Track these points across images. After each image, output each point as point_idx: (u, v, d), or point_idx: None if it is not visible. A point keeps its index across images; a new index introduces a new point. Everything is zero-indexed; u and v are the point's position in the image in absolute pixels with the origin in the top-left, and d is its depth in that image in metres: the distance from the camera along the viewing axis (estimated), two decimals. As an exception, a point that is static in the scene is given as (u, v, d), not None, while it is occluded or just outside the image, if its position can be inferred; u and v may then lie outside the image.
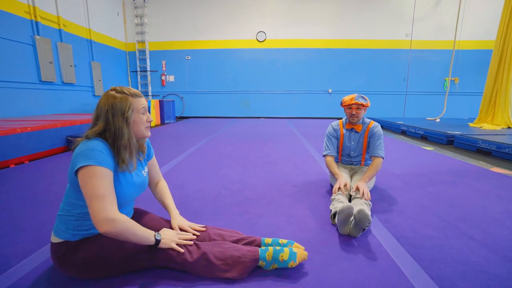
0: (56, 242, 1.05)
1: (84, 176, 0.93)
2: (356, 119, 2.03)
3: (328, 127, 2.19)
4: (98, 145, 0.98)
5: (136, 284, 1.06)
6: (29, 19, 4.99)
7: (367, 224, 1.34)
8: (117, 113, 1.01)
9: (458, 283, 1.07)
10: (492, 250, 1.31)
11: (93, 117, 1.04)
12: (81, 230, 1.04)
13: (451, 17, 7.62)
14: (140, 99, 1.08)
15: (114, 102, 1.01)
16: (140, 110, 1.07)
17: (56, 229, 1.06)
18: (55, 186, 2.22)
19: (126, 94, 1.04)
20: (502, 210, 1.78)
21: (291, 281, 1.08)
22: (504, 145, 3.30)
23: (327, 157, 2.09)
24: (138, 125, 1.07)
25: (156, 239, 1.05)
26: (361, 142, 2.06)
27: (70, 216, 1.04)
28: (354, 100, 1.96)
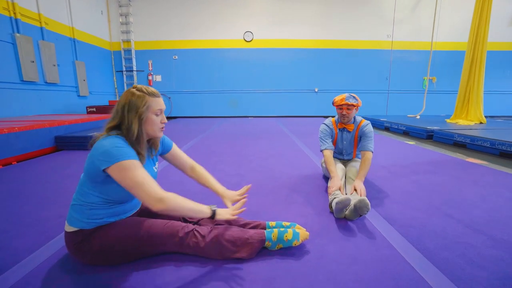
0: (71, 231, 1.10)
1: (119, 172, 0.99)
2: (347, 119, 2.05)
3: (321, 125, 2.20)
4: (119, 141, 1.04)
5: (151, 267, 1.13)
6: (8, 16, 4.80)
7: (366, 211, 1.46)
8: (132, 109, 1.07)
9: (440, 253, 1.22)
10: (468, 225, 1.48)
11: (113, 111, 1.11)
12: (95, 218, 1.10)
13: (428, 20, 8.06)
14: (158, 99, 1.12)
15: (132, 99, 1.07)
16: (155, 111, 1.11)
17: (70, 219, 1.11)
18: (50, 185, 2.21)
19: (144, 92, 1.09)
20: (476, 194, 1.98)
21: (295, 258, 1.19)
22: (477, 138, 3.59)
23: (326, 151, 2.06)
24: (151, 124, 1.11)
25: (212, 211, 1.14)
26: (353, 141, 2.15)
27: (83, 206, 1.08)
28: (345, 100, 1.98)
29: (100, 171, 1.01)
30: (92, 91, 7.14)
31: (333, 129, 2.15)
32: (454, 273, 1.08)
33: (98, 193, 1.08)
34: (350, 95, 2.01)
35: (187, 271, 1.10)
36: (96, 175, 1.04)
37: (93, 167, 1.02)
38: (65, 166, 2.84)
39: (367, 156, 1.94)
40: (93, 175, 1.04)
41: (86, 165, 1.06)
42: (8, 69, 4.75)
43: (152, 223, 1.17)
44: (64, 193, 2.01)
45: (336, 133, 2.15)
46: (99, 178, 1.05)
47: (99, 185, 1.07)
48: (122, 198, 1.13)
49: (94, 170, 1.03)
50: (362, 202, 1.46)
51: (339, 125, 2.14)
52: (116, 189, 1.08)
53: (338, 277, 1.06)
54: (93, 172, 1.03)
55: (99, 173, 1.03)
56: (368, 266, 1.13)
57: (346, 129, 2.12)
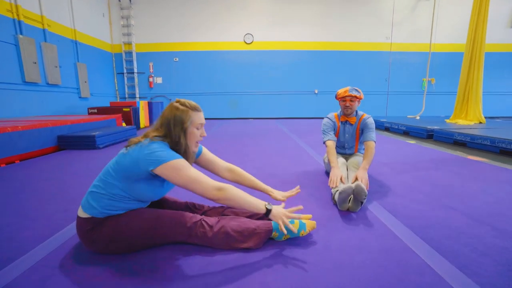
0: (83, 217, 1.11)
1: (173, 171, 1.05)
2: (350, 110, 2.10)
3: (324, 119, 2.24)
4: (166, 146, 1.12)
5: (159, 257, 1.14)
6: (12, 18, 4.85)
7: (364, 196, 1.49)
8: (178, 124, 1.13)
9: (445, 242, 1.23)
10: (470, 217, 1.50)
11: (157, 122, 1.17)
12: (109, 209, 1.11)
13: (426, 22, 8.14)
14: (199, 113, 1.18)
15: (176, 114, 1.13)
16: (197, 125, 1.17)
17: (85, 205, 1.12)
18: (54, 181, 2.22)
19: (187, 107, 1.15)
20: (477, 188, 1.99)
21: (302, 247, 1.20)
22: (477, 136, 3.62)
23: (328, 142, 2.07)
24: (191, 138, 1.17)
25: (267, 208, 1.15)
26: (354, 134, 2.19)
27: (103, 195, 1.10)
28: (348, 92, 2.04)
29: (144, 171, 1.06)
30: (93, 93, 7.17)
31: (336, 122, 2.20)
32: (460, 261, 1.09)
33: (124, 188, 1.10)
34: (353, 88, 2.07)
35: (194, 260, 1.11)
36: (135, 173, 1.08)
37: (136, 166, 1.06)
38: (68, 164, 2.85)
39: (370, 145, 1.97)
40: (132, 173, 1.08)
41: (123, 162, 1.09)
42: (11, 70, 4.78)
43: (161, 213, 1.18)
44: (69, 189, 2.02)
45: (338, 126, 2.18)
46: (136, 176, 1.08)
47: (129, 182, 1.10)
48: (144, 198, 1.16)
49: (135, 169, 1.07)
50: (357, 187, 1.48)
51: (341, 118, 2.18)
52: (143, 190, 1.12)
53: (344, 265, 1.07)
54: (133, 170, 1.07)
55: (141, 172, 1.07)
56: (374, 255, 1.14)
57: (348, 122, 2.16)
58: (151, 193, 1.15)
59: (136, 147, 1.09)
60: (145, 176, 1.09)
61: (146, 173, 1.07)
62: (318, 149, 3.54)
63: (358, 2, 8.26)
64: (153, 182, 1.13)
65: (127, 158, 1.08)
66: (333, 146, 2.04)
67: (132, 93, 8.55)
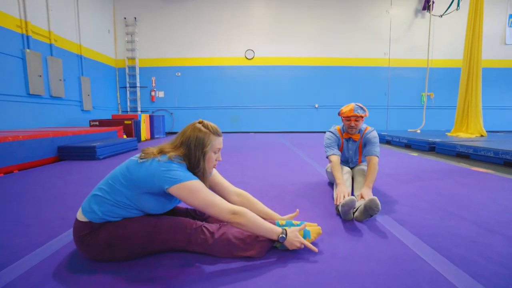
0: (82, 221, 1.07)
1: (189, 193, 1.04)
2: (354, 130, 1.99)
3: (327, 133, 2.13)
4: (184, 167, 1.11)
5: (157, 265, 1.08)
6: (20, 33, 4.99)
7: (376, 212, 1.43)
8: (199, 146, 1.12)
9: (457, 251, 1.18)
10: (480, 226, 1.45)
11: (177, 140, 1.15)
12: (109, 215, 1.07)
13: (423, 38, 8.36)
14: (219, 138, 1.17)
15: (199, 135, 1.12)
16: (215, 149, 1.16)
17: (86, 208, 1.08)
18: (52, 190, 2.18)
19: (209, 131, 1.14)
20: (485, 197, 1.95)
21: (306, 256, 1.15)
22: (480, 148, 3.60)
23: (332, 157, 1.96)
24: (208, 162, 1.16)
25: (281, 237, 1.12)
26: (358, 150, 2.13)
27: (108, 200, 1.07)
28: (353, 112, 1.91)
29: (158, 187, 1.05)
30: (95, 106, 7.24)
31: (340, 137, 2.09)
32: (475, 270, 1.03)
33: (130, 197, 1.08)
34: (358, 106, 1.95)
35: (194, 269, 1.05)
36: (147, 187, 1.06)
37: (150, 181, 1.04)
38: (68, 174, 2.81)
39: (373, 160, 1.85)
40: (143, 185, 1.06)
41: (136, 172, 1.06)
42: (15, 83, 4.85)
43: (160, 219, 1.14)
44: (67, 197, 1.98)
45: (342, 142, 2.10)
46: (147, 189, 1.06)
47: (138, 193, 1.07)
48: (148, 210, 1.13)
49: (149, 183, 1.05)
50: (372, 201, 1.43)
51: (345, 135, 2.09)
52: (149, 203, 1.10)
53: (352, 274, 1.02)
54: (146, 183, 1.05)
55: (154, 188, 1.05)
56: (382, 264, 1.09)
57: (352, 139, 2.08)
58: (157, 207, 1.12)
59: (153, 162, 1.06)
60: (157, 192, 1.07)
61: (159, 189, 1.06)
62: (321, 161, 3.51)
63: (356, 19, 8.53)
64: (161, 198, 1.11)
65: (141, 170, 1.06)
66: (337, 161, 1.94)
67: (134, 106, 8.64)
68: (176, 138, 1.16)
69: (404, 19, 8.58)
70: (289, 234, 1.14)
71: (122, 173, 1.09)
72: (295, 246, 1.14)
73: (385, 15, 8.56)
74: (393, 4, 8.53)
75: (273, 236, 1.12)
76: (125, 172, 1.08)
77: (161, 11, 8.35)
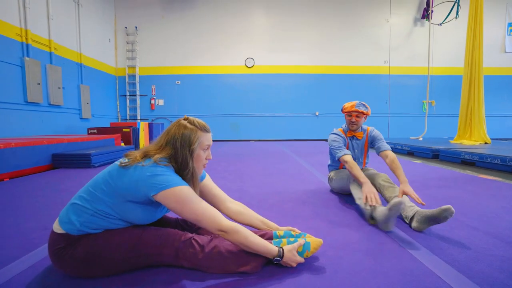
0: (58, 232, 0.97)
1: (174, 200, 0.93)
2: (355, 126, 1.98)
3: (331, 135, 2.06)
4: (171, 170, 1.00)
5: (139, 283, 0.97)
6: (20, 41, 4.99)
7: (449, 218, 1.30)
8: (185, 144, 1.01)
9: (473, 266, 1.06)
10: (497, 237, 1.33)
11: (161, 140, 1.04)
12: (88, 227, 0.97)
13: (422, 46, 8.38)
14: (208, 134, 1.07)
15: (184, 133, 1.02)
16: (204, 147, 1.06)
17: (63, 218, 0.98)
18: (40, 199, 2.08)
19: (196, 127, 1.04)
20: (497, 206, 1.83)
21: (308, 272, 1.04)
22: (486, 155, 3.49)
23: (346, 157, 1.82)
24: (197, 160, 1.06)
25: (278, 256, 1.02)
26: (363, 148, 2.08)
27: (87, 209, 0.96)
28: (355, 107, 1.90)
29: (143, 195, 0.95)
30: (94, 114, 7.20)
31: (344, 137, 2.04)
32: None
33: (113, 205, 0.97)
34: (361, 103, 1.93)
35: (180, 286, 0.94)
36: (130, 194, 0.95)
37: (134, 189, 0.94)
38: (60, 182, 2.71)
39: (391, 155, 1.81)
40: (127, 193, 0.95)
41: (118, 180, 0.96)
42: (13, 91, 4.81)
43: (144, 230, 1.03)
44: (54, 207, 1.87)
45: (347, 142, 2.06)
46: (132, 198, 0.96)
47: (121, 200, 0.97)
48: (132, 220, 1.02)
49: (133, 190, 0.95)
50: (447, 211, 1.27)
51: (348, 133, 2.06)
52: (133, 212, 0.99)
53: (358, 292, 0.90)
54: (130, 191, 0.95)
55: (139, 196, 0.95)
56: (392, 279, 0.98)
57: (355, 137, 2.05)
58: (143, 217, 1.01)
59: (137, 168, 0.95)
60: (142, 200, 0.97)
61: (145, 197, 0.95)
62: (321, 169, 3.40)
63: (355, 27, 8.57)
64: (147, 207, 1.00)
65: (125, 177, 0.95)
66: (352, 160, 1.82)
67: (134, 114, 8.60)
68: (161, 138, 1.05)
69: (403, 28, 8.63)
70: (286, 254, 1.03)
71: (104, 180, 0.98)
72: (291, 265, 1.05)
73: (385, 24, 8.61)
74: (392, 13, 8.60)
75: (268, 256, 1.02)
76: (107, 178, 0.98)
77: (161, 20, 8.44)
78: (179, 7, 8.41)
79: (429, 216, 1.35)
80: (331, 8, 8.53)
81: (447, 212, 1.29)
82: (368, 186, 1.60)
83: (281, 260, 1.03)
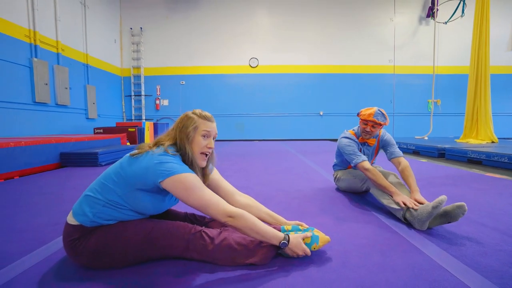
0: (72, 224, 1.00)
1: (181, 187, 0.96)
2: (369, 136, 1.89)
3: (343, 139, 1.95)
4: (179, 159, 1.05)
5: (151, 274, 0.99)
6: (28, 43, 5.08)
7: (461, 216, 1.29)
8: (183, 128, 1.09)
9: (481, 260, 1.07)
10: (506, 233, 1.32)
11: (169, 129, 1.14)
12: (101, 218, 1.00)
13: (427, 45, 8.31)
14: (208, 122, 1.11)
15: (184, 119, 1.11)
16: (202, 132, 1.09)
17: (77, 210, 1.01)
18: (49, 196, 2.12)
19: (197, 115, 1.11)
20: (505, 203, 1.82)
21: (315, 265, 1.05)
22: (493, 153, 3.45)
23: (365, 164, 1.73)
24: (194, 146, 1.09)
25: (283, 242, 1.03)
26: (373, 154, 2.04)
27: (99, 200, 1.00)
28: (372, 117, 1.77)
29: (152, 182, 0.98)
30: (100, 114, 7.29)
31: (357, 142, 1.95)
32: (507, 282, 0.92)
33: (123, 195, 1.00)
34: (380, 112, 1.79)
35: (191, 278, 0.96)
36: (140, 182, 0.99)
37: (143, 175, 0.97)
38: (68, 180, 2.76)
39: (404, 162, 1.76)
40: (136, 181, 0.98)
41: (129, 168, 0.99)
42: (22, 91, 4.90)
43: (156, 223, 1.06)
44: (63, 203, 1.91)
45: (360, 147, 1.98)
46: (140, 185, 0.99)
47: (130, 190, 1.00)
48: (141, 210, 1.05)
49: (142, 178, 0.98)
50: (461, 208, 1.26)
51: (359, 139, 1.96)
52: (143, 200, 1.02)
53: (367, 285, 0.91)
54: (139, 179, 0.98)
55: (147, 183, 0.98)
56: (399, 272, 0.98)
57: (367, 143, 1.97)
58: (152, 206, 1.04)
59: (147, 155, 1.00)
60: (151, 188, 1.00)
61: (153, 184, 0.98)
62: (326, 167, 3.40)
63: (360, 27, 8.54)
64: (156, 195, 1.03)
65: (134, 165, 0.99)
66: (375, 169, 1.71)
67: (139, 114, 8.68)
68: (170, 127, 1.15)
69: (408, 27, 8.57)
70: (291, 240, 1.05)
71: (115, 171, 1.02)
72: (297, 254, 1.06)
73: (389, 23, 8.57)
74: (396, 12, 8.55)
75: (274, 242, 1.03)
76: (118, 169, 1.01)
77: (166, 21, 8.50)
78: (183, 8, 8.47)
79: (441, 212, 1.34)
80: (334, 7, 8.52)
81: (460, 209, 1.27)
82: (400, 195, 1.52)
83: (287, 245, 1.04)
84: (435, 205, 1.29)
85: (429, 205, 1.33)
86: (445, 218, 1.33)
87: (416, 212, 1.38)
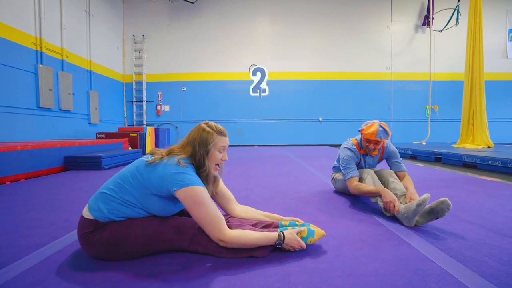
0: (87, 218, 1.08)
1: (191, 199, 1.04)
2: (371, 151, 1.93)
3: (344, 150, 1.98)
4: (192, 170, 1.12)
5: (159, 265, 1.07)
6: (35, 50, 5.22)
7: (445, 213, 1.36)
8: (202, 144, 1.15)
9: (465, 252, 1.14)
10: (491, 230, 1.40)
11: (184, 141, 1.19)
12: (115, 214, 1.08)
13: (424, 53, 8.48)
14: (224, 138, 1.20)
15: (202, 134, 1.15)
16: (219, 148, 1.18)
17: (92, 206, 1.09)
18: (57, 196, 2.20)
19: (213, 130, 1.17)
20: (494, 204, 1.90)
21: (311, 256, 1.13)
22: (487, 158, 3.55)
23: (352, 180, 1.83)
24: (212, 160, 1.18)
25: (279, 239, 1.11)
26: (376, 163, 2.10)
27: (115, 198, 1.08)
28: (375, 136, 1.78)
29: (166, 190, 1.06)
30: (102, 119, 7.40)
31: (358, 155, 1.99)
32: (486, 271, 1.00)
33: (138, 197, 1.09)
34: (382, 129, 1.79)
35: (196, 266, 1.04)
36: (155, 188, 1.07)
37: (160, 183, 1.06)
38: (73, 182, 2.84)
39: (407, 177, 1.87)
40: (152, 187, 1.07)
41: (146, 174, 1.08)
42: (27, 96, 5.01)
43: (164, 219, 1.14)
44: (71, 203, 1.99)
45: (360, 159, 2.02)
46: (156, 192, 1.08)
47: (146, 194, 1.09)
48: (153, 212, 1.14)
49: (158, 185, 1.06)
50: (444, 203, 1.34)
51: (362, 151, 1.99)
52: (156, 204, 1.11)
53: (358, 273, 0.99)
54: (155, 185, 1.07)
55: (163, 190, 1.07)
56: (389, 263, 1.06)
57: (369, 155, 2.02)
58: (163, 210, 1.13)
59: (163, 165, 1.08)
60: (164, 195, 1.09)
61: (167, 192, 1.07)
62: (324, 171, 3.48)
63: (358, 34, 8.74)
64: (167, 201, 1.13)
65: (152, 173, 1.08)
66: (359, 183, 1.83)
67: (140, 120, 8.79)
68: (184, 139, 1.20)
69: (405, 34, 8.77)
70: (287, 236, 1.13)
71: (132, 174, 1.10)
72: (293, 247, 1.14)
73: (386, 31, 8.76)
74: (393, 21, 8.76)
75: (271, 243, 1.12)
76: (135, 173, 1.10)
77: (168, 28, 8.70)
78: (185, 16, 8.67)
79: (427, 209, 1.42)
80: (333, 15, 8.73)
81: (443, 204, 1.36)
82: (387, 194, 1.59)
83: (283, 243, 1.12)
84: (419, 203, 1.38)
85: (413, 203, 1.42)
86: (432, 215, 1.41)
87: (402, 210, 1.47)
